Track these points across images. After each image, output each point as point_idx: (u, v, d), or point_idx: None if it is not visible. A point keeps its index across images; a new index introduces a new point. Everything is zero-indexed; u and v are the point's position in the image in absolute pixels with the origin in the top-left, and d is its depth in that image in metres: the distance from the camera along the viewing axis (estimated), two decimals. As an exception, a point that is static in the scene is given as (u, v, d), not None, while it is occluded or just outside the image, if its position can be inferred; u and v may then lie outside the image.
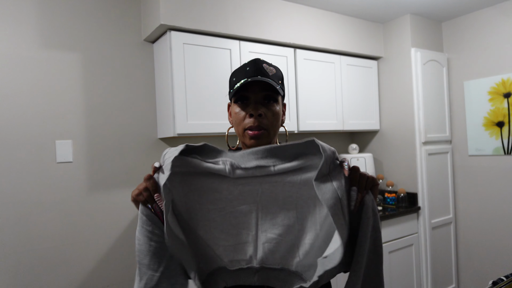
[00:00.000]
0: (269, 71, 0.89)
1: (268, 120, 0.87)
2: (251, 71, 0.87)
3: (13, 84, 1.79)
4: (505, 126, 2.58)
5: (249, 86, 0.87)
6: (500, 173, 2.62)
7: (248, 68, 0.89)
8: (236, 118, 0.90)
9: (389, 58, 2.87)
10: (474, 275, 2.81)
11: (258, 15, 2.25)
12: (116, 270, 2.05)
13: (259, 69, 0.88)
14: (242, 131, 0.89)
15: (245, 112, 0.88)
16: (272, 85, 0.86)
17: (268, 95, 0.88)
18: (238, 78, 0.88)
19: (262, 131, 0.87)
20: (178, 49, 1.96)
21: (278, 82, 0.90)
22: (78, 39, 1.97)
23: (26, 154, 1.81)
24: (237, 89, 0.86)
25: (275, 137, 0.93)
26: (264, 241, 0.71)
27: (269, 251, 0.72)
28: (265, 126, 0.87)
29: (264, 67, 0.89)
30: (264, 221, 0.71)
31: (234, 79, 0.90)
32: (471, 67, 2.77)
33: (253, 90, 0.87)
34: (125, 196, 2.09)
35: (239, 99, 0.89)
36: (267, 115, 0.87)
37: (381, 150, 2.97)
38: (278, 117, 0.91)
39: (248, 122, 0.87)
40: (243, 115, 0.88)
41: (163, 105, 2.10)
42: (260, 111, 0.86)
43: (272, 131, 0.89)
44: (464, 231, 2.87)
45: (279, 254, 0.72)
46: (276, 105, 0.90)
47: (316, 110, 2.53)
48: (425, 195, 2.68)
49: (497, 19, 2.61)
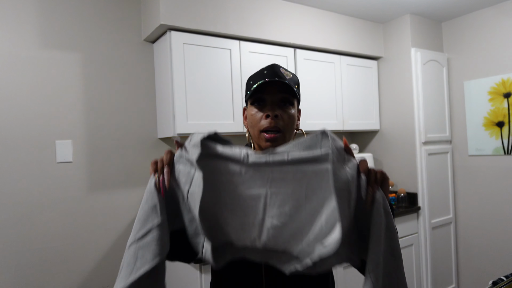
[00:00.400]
0: (285, 75, 0.90)
1: (284, 122, 0.87)
2: (268, 74, 0.89)
3: (13, 84, 1.79)
4: (505, 126, 2.58)
5: (266, 88, 0.88)
6: (500, 173, 2.62)
7: (265, 71, 0.90)
8: (252, 120, 0.90)
9: (389, 58, 2.87)
10: (474, 275, 2.81)
11: (258, 15, 2.25)
12: (116, 270, 2.04)
13: (276, 72, 0.89)
14: (258, 133, 0.88)
15: (263, 112, 0.88)
16: (290, 86, 0.87)
17: (285, 97, 0.89)
18: (255, 81, 0.89)
19: (278, 134, 0.87)
20: (178, 49, 1.96)
21: (295, 86, 0.91)
22: (78, 39, 1.97)
23: (26, 154, 1.81)
24: (254, 90, 0.87)
25: (290, 140, 0.92)
26: (269, 227, 0.73)
27: (273, 236, 0.74)
28: (281, 128, 0.87)
29: (281, 71, 0.90)
30: (272, 208, 0.73)
31: (252, 82, 0.91)
32: (471, 67, 2.77)
33: (270, 92, 0.88)
34: (125, 196, 2.09)
35: (256, 101, 0.89)
36: (283, 117, 0.87)
37: (381, 150, 2.97)
38: (294, 120, 0.91)
39: (264, 123, 0.87)
40: (260, 116, 0.88)
41: (163, 105, 2.10)
42: (276, 112, 0.86)
43: (287, 134, 0.89)
44: (464, 231, 2.87)
45: (282, 239, 0.74)
46: (292, 108, 0.90)
47: (316, 110, 2.53)
48: (425, 195, 2.68)
49: (497, 19, 2.61)
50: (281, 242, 0.74)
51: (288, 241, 0.73)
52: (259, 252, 0.76)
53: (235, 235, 0.76)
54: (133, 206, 2.11)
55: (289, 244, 0.74)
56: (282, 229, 0.73)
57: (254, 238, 0.75)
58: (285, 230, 0.73)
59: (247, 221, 0.74)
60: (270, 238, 0.74)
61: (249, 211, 0.74)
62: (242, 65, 2.18)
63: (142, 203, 0.76)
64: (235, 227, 0.76)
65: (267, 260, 0.76)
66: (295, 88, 0.91)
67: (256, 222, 0.74)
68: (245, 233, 0.75)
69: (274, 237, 0.74)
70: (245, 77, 2.18)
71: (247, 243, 0.76)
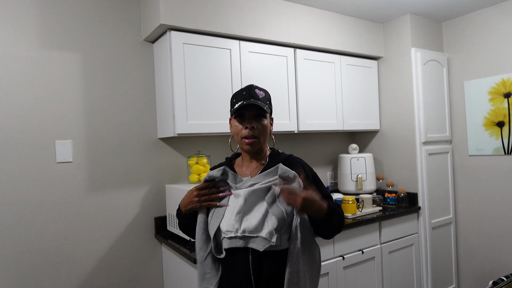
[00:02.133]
0: (259, 95, 1.22)
1: (259, 131, 1.21)
2: (246, 95, 1.21)
3: (13, 84, 1.79)
4: (505, 126, 2.58)
5: (245, 107, 1.20)
6: (500, 173, 2.62)
7: (244, 92, 1.22)
8: (236, 130, 1.24)
9: (389, 58, 2.87)
10: (474, 275, 2.81)
11: (258, 15, 2.25)
12: (116, 270, 2.05)
13: (252, 94, 1.21)
14: (240, 139, 1.23)
15: (242, 125, 1.21)
16: (262, 106, 1.19)
17: (258, 113, 1.21)
18: (237, 100, 1.21)
19: (254, 139, 1.21)
20: (178, 49, 1.96)
21: (266, 103, 1.24)
22: (78, 39, 1.97)
23: (26, 154, 1.81)
24: (235, 109, 1.20)
25: (265, 143, 1.27)
26: (245, 220, 1.15)
27: (247, 226, 1.13)
28: (256, 135, 1.21)
29: (256, 92, 1.22)
30: (247, 209, 1.17)
31: (234, 100, 1.23)
32: (471, 67, 2.77)
33: (248, 109, 1.21)
34: (125, 196, 2.09)
35: (238, 116, 1.22)
36: (258, 127, 1.21)
37: (381, 150, 2.97)
38: (266, 129, 1.25)
39: (244, 133, 1.21)
40: (241, 127, 1.22)
41: (163, 105, 2.10)
42: (253, 125, 1.20)
43: (262, 138, 1.23)
44: (464, 231, 2.87)
45: (254, 228, 1.13)
46: (264, 119, 1.23)
47: (316, 110, 2.53)
48: (425, 195, 2.68)
49: (497, 19, 2.61)
50: (254, 230, 1.12)
51: (257, 229, 1.13)
52: (241, 240, 1.14)
53: (225, 229, 1.16)
54: (133, 206, 2.11)
55: (259, 231, 1.13)
56: (253, 221, 1.14)
57: (236, 229, 1.14)
58: (255, 222, 1.13)
59: (232, 219, 1.16)
60: (246, 228, 1.13)
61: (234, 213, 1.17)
62: (242, 65, 2.18)
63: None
64: (225, 224, 1.17)
65: (247, 245, 1.14)
66: (267, 104, 1.24)
67: (238, 219, 1.15)
68: (231, 227, 1.15)
69: (248, 227, 1.13)
70: (245, 77, 2.19)
71: (232, 234, 1.14)
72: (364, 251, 2.30)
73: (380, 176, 2.89)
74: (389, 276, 2.46)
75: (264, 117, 1.23)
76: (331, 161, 3.04)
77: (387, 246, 2.45)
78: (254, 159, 1.28)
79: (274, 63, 2.33)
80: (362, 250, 2.29)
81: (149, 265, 2.15)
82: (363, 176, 2.74)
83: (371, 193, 2.78)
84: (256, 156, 1.27)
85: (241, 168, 1.30)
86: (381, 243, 2.43)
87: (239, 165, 1.31)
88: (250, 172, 1.26)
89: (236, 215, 1.15)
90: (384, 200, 2.72)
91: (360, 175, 2.72)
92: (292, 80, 2.41)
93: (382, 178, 2.88)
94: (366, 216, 2.35)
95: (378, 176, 2.90)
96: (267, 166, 1.25)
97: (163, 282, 2.20)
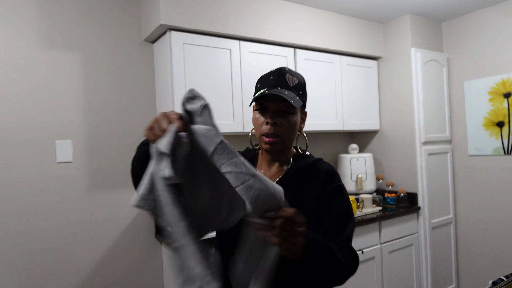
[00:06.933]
0: (291, 82, 0.95)
1: (283, 129, 0.94)
2: (273, 81, 0.94)
3: (13, 84, 1.79)
4: (505, 126, 2.58)
5: (269, 96, 0.93)
6: (500, 173, 2.62)
7: (271, 77, 0.96)
8: (255, 123, 0.99)
9: (389, 58, 2.87)
10: (474, 275, 2.81)
11: (258, 15, 2.25)
12: (116, 270, 2.05)
13: (281, 79, 0.94)
14: (259, 136, 0.97)
15: (263, 118, 0.95)
16: (290, 98, 0.90)
17: (285, 106, 0.94)
18: (261, 86, 0.96)
19: (276, 138, 0.94)
20: (178, 49, 1.96)
21: (298, 93, 0.95)
22: (78, 39, 1.97)
23: (26, 154, 1.81)
24: (256, 98, 0.94)
25: (290, 144, 1.00)
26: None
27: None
28: (280, 134, 0.94)
29: (286, 78, 0.95)
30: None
31: (259, 85, 0.98)
32: (471, 67, 2.77)
33: (272, 100, 0.93)
34: (125, 196, 2.09)
35: (259, 107, 0.96)
36: (283, 124, 0.94)
37: (381, 150, 2.97)
38: (294, 127, 0.97)
39: (264, 129, 0.94)
40: (261, 121, 0.96)
41: (163, 105, 2.10)
42: (276, 120, 0.93)
43: (286, 139, 0.96)
44: (464, 231, 2.87)
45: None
46: (293, 116, 0.95)
47: (316, 110, 2.53)
48: (425, 195, 2.68)
49: (497, 19, 2.61)
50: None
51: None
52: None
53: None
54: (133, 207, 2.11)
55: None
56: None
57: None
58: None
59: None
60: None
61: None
62: (242, 65, 2.18)
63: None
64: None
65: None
66: (299, 94, 0.96)
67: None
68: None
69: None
70: (245, 77, 2.18)
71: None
72: (364, 251, 2.30)
73: (380, 176, 2.89)
74: (389, 276, 2.46)
75: (293, 112, 0.95)
76: (331, 161, 3.04)
77: (387, 246, 2.45)
78: (276, 162, 1.03)
79: (274, 63, 2.32)
80: (362, 250, 2.29)
81: (149, 265, 2.15)
82: (363, 176, 2.74)
83: (371, 193, 2.78)
84: (278, 158, 1.02)
85: (259, 168, 1.05)
86: (381, 243, 2.43)
87: (259, 165, 1.07)
88: (269, 177, 1.01)
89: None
90: (384, 200, 2.72)
91: (360, 175, 2.72)
92: (292, 80, 2.41)
93: (382, 178, 2.88)
94: (366, 216, 2.35)
95: (378, 176, 2.90)
96: (288, 173, 1.00)
97: (163, 282, 2.20)
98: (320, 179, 0.97)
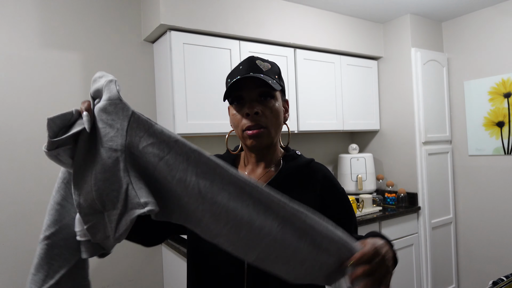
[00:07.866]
0: (263, 66, 0.83)
1: (266, 118, 0.82)
2: (244, 69, 0.83)
3: (13, 84, 1.79)
4: (505, 126, 2.58)
5: (243, 85, 0.81)
6: (500, 173, 2.62)
7: (241, 66, 0.84)
8: (234, 120, 0.85)
9: (389, 58, 2.87)
10: (474, 275, 2.81)
11: (258, 15, 2.25)
12: (116, 270, 2.04)
13: (252, 66, 0.83)
14: (241, 132, 0.84)
15: (241, 112, 0.82)
16: (266, 79, 0.79)
17: (263, 91, 0.82)
18: (232, 78, 0.83)
19: (261, 129, 0.81)
20: (178, 49, 1.96)
21: (274, 77, 0.84)
22: (78, 39, 1.97)
23: (26, 154, 1.81)
24: (228, 89, 0.81)
25: (277, 136, 0.87)
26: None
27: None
28: (263, 124, 0.82)
29: (257, 63, 0.83)
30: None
31: (229, 80, 0.85)
32: (471, 67, 2.77)
33: (247, 88, 0.82)
34: (125, 196, 2.08)
35: (234, 100, 0.84)
36: (265, 112, 0.82)
37: (381, 150, 2.97)
38: (278, 114, 0.84)
39: (245, 123, 0.82)
40: (240, 116, 0.83)
41: (163, 105, 2.10)
42: (256, 109, 0.80)
43: (272, 129, 0.83)
44: (464, 231, 2.86)
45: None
46: (273, 101, 0.84)
47: (316, 110, 2.53)
48: (425, 195, 2.68)
49: (497, 19, 2.61)
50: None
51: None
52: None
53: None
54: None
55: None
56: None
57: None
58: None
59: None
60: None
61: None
62: (242, 65, 2.18)
63: None
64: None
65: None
66: (275, 78, 0.84)
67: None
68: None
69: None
70: (245, 77, 2.18)
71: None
72: (364, 251, 2.30)
73: (380, 176, 2.89)
74: (389, 276, 2.46)
75: (273, 97, 0.83)
76: (331, 161, 3.04)
77: (387, 246, 2.45)
78: (262, 162, 0.89)
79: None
80: (362, 250, 2.29)
81: (149, 265, 2.15)
82: (363, 176, 2.74)
83: (371, 193, 2.78)
84: (265, 156, 0.89)
85: (243, 171, 0.91)
86: (381, 243, 2.43)
87: (241, 166, 0.93)
88: (257, 179, 0.88)
89: None
90: (384, 200, 2.72)
91: (360, 175, 2.72)
92: (292, 80, 2.41)
93: (382, 178, 2.88)
94: (366, 216, 2.35)
95: (378, 176, 2.90)
96: (279, 175, 0.87)
97: (163, 282, 2.20)
98: (317, 185, 0.88)
